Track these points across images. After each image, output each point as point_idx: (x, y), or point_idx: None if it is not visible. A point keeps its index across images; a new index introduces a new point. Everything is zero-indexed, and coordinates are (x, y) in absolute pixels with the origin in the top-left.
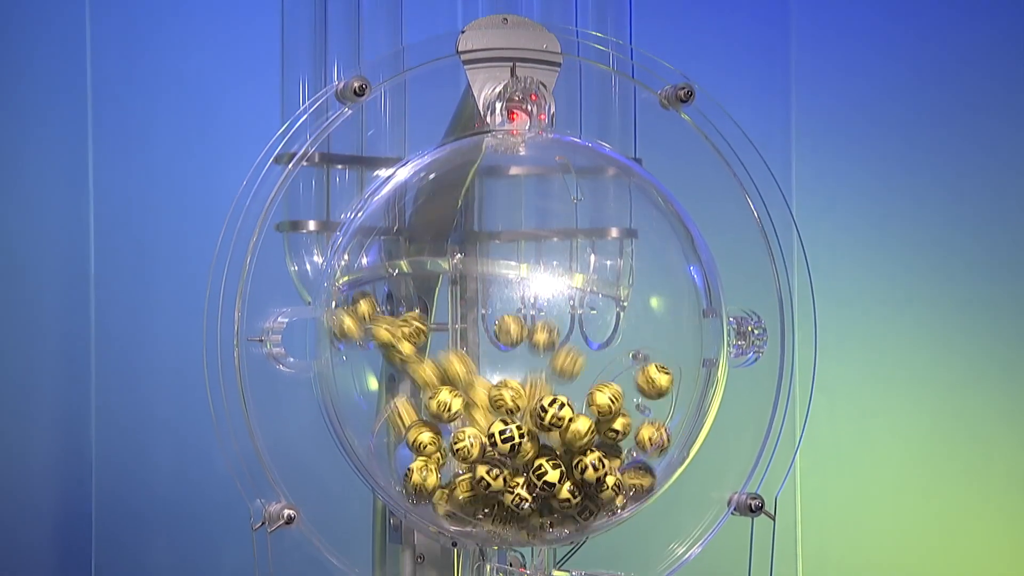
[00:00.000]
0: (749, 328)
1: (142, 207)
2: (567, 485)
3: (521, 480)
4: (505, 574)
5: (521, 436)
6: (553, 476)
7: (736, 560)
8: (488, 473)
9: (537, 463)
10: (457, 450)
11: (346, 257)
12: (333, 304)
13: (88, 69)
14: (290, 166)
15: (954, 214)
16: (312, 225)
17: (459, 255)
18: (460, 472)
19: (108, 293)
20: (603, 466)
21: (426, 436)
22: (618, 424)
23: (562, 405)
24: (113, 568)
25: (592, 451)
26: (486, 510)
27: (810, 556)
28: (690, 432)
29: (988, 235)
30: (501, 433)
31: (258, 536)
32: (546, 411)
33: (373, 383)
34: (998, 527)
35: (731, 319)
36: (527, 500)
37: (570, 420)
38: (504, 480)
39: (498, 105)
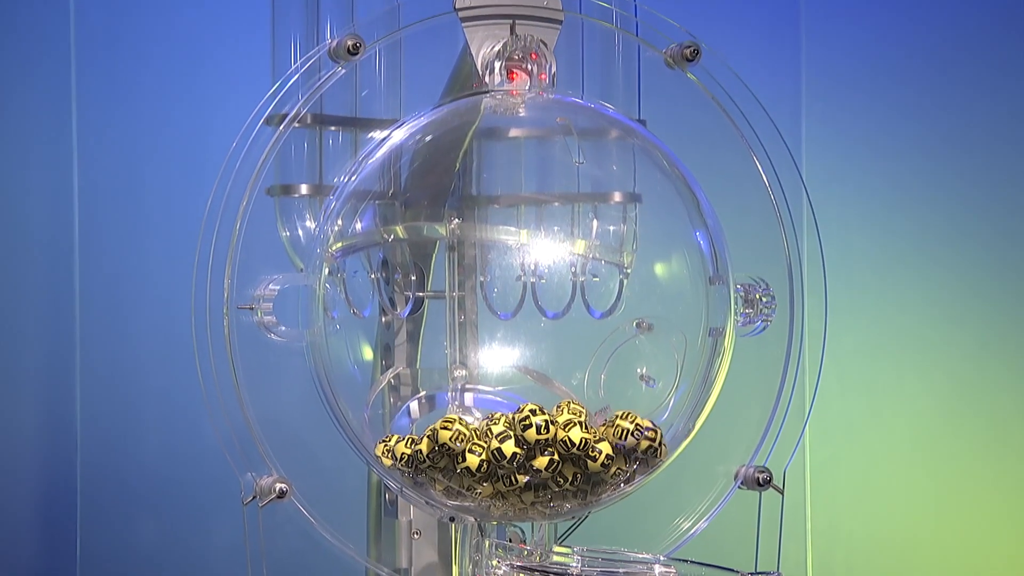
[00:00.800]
0: (757, 296)
1: (129, 170)
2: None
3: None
4: (504, 550)
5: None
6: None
7: (743, 535)
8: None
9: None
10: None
11: (340, 222)
12: (326, 271)
13: (72, 28)
14: (281, 128)
15: (970, 178)
16: (304, 189)
17: (456, 220)
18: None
19: (93, 260)
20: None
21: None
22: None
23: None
24: (99, 543)
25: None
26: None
27: (819, 531)
28: (696, 403)
29: (1005, 202)
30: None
31: (249, 511)
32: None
33: (368, 353)
34: (1011, 501)
35: (738, 286)
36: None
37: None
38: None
39: (497, 64)
